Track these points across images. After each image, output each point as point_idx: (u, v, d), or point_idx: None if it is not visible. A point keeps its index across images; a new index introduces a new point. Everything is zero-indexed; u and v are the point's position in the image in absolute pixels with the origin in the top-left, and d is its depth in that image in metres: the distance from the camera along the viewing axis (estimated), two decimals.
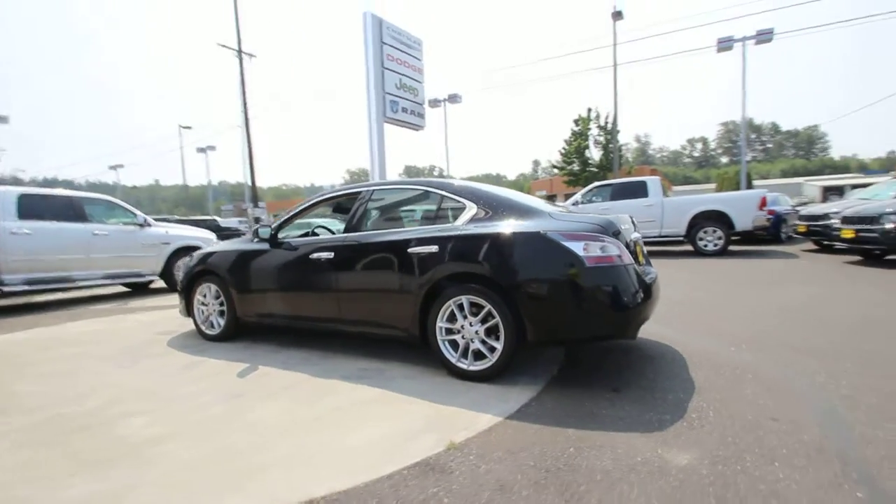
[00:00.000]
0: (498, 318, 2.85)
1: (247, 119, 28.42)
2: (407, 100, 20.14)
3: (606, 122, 31.32)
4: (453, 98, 23.25)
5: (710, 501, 1.69)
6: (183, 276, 4.53)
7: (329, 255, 3.53)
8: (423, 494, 1.78)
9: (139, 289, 8.63)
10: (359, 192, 3.72)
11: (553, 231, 2.77)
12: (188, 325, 4.99)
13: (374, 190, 3.65)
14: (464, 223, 3.10)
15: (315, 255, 3.60)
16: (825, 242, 9.96)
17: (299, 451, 2.16)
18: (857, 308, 4.68)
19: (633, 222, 3.45)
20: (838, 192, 25.08)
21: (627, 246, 2.90)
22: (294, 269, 3.77)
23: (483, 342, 2.94)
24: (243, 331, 4.33)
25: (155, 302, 7.09)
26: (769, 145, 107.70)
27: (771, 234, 12.28)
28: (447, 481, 1.87)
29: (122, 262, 7.57)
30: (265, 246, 3.99)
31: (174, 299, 7.17)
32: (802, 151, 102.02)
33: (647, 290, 2.87)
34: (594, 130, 31.82)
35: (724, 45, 16.64)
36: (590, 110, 31.93)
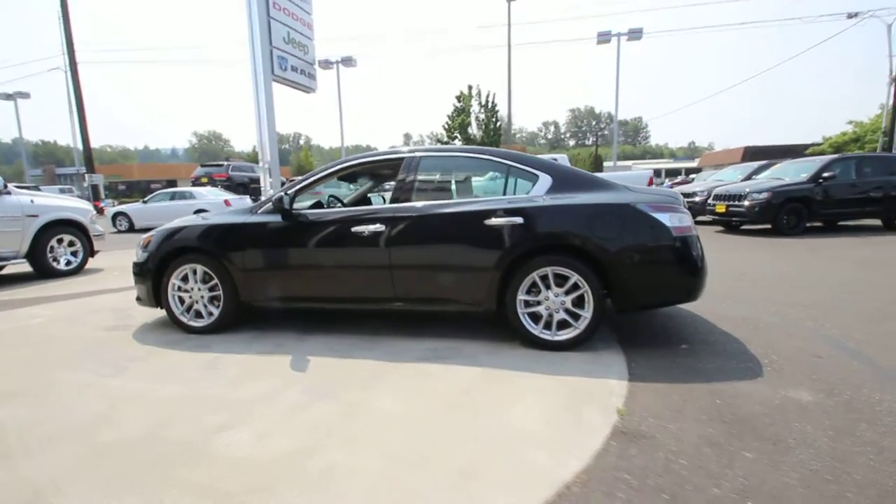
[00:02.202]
0: (587, 288, 2.93)
1: (73, 59, 22.97)
2: (296, 57, 18.31)
3: (488, 101, 32.82)
4: (347, 61, 21.73)
5: (863, 426, 2.04)
6: (147, 257, 3.62)
7: (378, 227, 3.17)
8: (655, 460, 1.82)
9: None
10: (401, 159, 3.38)
11: (642, 203, 2.91)
12: (135, 316, 4.08)
13: (421, 157, 3.35)
14: (543, 194, 3.06)
15: (358, 229, 3.20)
16: (697, 218, 12.07)
17: (481, 442, 1.99)
18: (756, 266, 5.87)
19: None
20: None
21: None
22: (329, 244, 3.30)
23: (567, 311, 3.00)
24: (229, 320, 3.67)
25: (32, 292, 5.51)
26: (605, 132, 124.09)
27: None
28: (661, 445, 1.92)
29: None
30: (276, 218, 3.40)
31: (56, 286, 5.72)
32: (629, 139, 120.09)
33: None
34: (476, 108, 33.11)
35: (603, 38, 18.70)
36: (470, 87, 33.00)
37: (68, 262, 6.79)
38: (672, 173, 50.62)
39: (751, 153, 38.19)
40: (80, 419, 2.25)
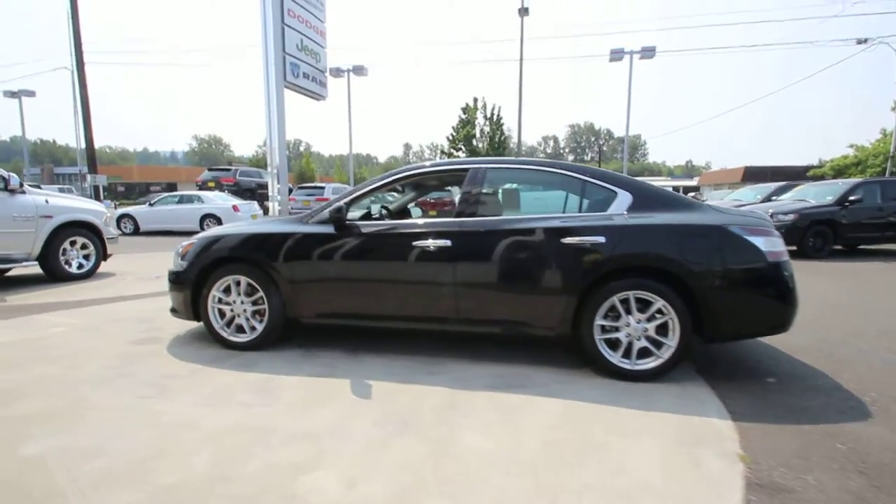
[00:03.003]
0: (672, 315, 2.72)
1: (80, 58, 22.81)
2: (308, 64, 18.22)
3: (493, 114, 32.97)
4: (359, 70, 21.65)
5: None
6: (187, 266, 3.38)
7: (443, 243, 2.95)
8: None
9: None
10: (466, 170, 3.18)
11: (735, 225, 2.72)
12: (163, 328, 3.83)
13: (487, 169, 3.14)
14: (623, 212, 2.86)
15: (421, 244, 2.98)
16: None
17: (599, 495, 1.76)
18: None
19: None
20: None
21: None
22: (388, 258, 3.08)
23: (649, 339, 2.79)
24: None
25: (44, 296, 5.23)
26: (604, 148, 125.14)
27: None
28: (808, 501, 1.70)
29: None
30: (330, 229, 3.18)
31: (69, 291, 5.44)
32: (629, 155, 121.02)
33: None
34: (481, 120, 33.24)
35: (616, 55, 18.78)
36: (476, 100, 33.15)
37: (80, 266, 6.51)
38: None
39: (750, 173, 38.45)
40: (132, 452, 1.99)
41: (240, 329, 3.35)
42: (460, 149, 33.01)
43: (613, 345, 2.85)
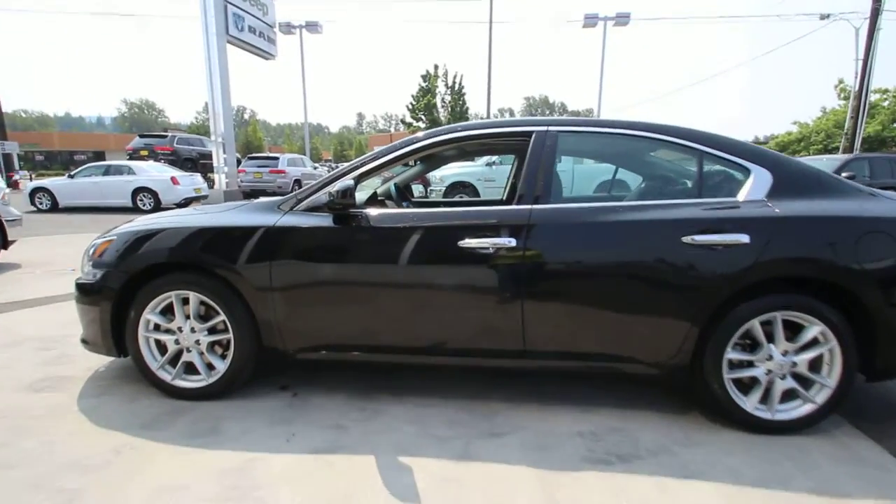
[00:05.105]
0: (833, 343, 1.92)
1: None
2: (255, 17, 16.18)
3: (454, 82, 31.61)
4: (313, 27, 19.41)
5: None
6: (104, 274, 2.23)
7: (506, 241, 1.99)
8: None
9: None
10: (529, 133, 2.19)
11: None
12: (74, 357, 2.70)
13: (558, 133, 2.17)
14: (762, 198, 2.00)
15: (470, 244, 2.01)
16: None
17: None
18: None
19: None
20: None
21: None
22: (419, 264, 2.08)
23: (796, 377, 1.99)
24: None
25: None
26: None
27: None
28: None
29: None
30: (327, 221, 2.13)
31: None
32: None
33: None
34: (441, 89, 31.81)
35: (590, 21, 17.91)
36: (437, 67, 31.62)
37: None
38: None
39: None
40: None
41: (191, 369, 2.26)
42: (420, 118, 31.52)
43: (743, 385, 2.04)
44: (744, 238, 1.89)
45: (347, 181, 2.07)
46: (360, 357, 2.21)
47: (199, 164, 16.73)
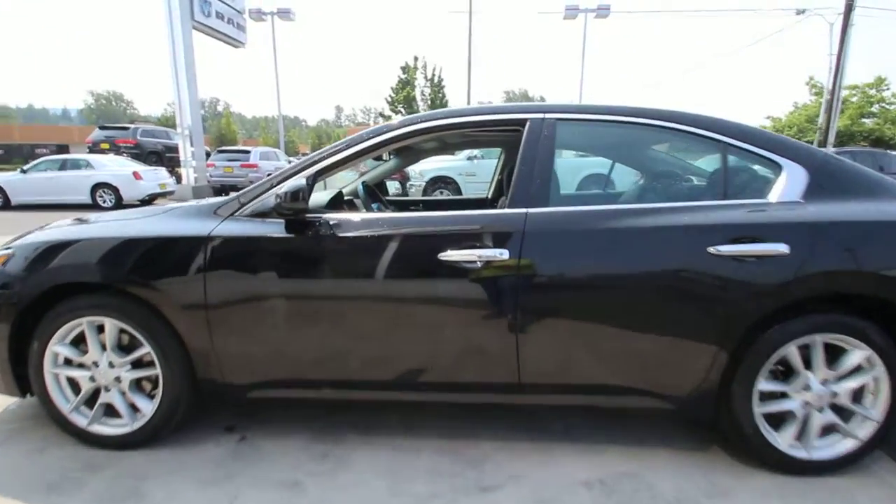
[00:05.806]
0: (881, 369, 1.64)
1: None
2: (222, 2, 15.34)
3: (434, 75, 31.17)
4: (284, 14, 18.57)
5: None
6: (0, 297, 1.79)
7: (496, 254, 1.63)
8: None
9: None
10: (521, 121, 1.82)
11: None
12: None
13: (556, 120, 1.81)
14: (798, 199, 1.69)
15: (452, 257, 1.64)
16: None
17: None
18: None
19: None
20: None
21: None
22: (390, 280, 1.70)
23: (835, 409, 1.70)
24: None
25: None
26: None
27: None
28: None
29: None
30: (274, 230, 1.73)
31: None
32: None
33: None
34: (421, 81, 31.35)
35: (570, 13, 17.61)
36: (416, 59, 31.14)
37: None
38: None
39: None
40: None
41: (111, 411, 1.84)
42: (399, 111, 30.96)
43: (775, 419, 1.74)
44: (782, 248, 1.57)
45: (298, 180, 1.66)
46: (321, 395, 1.83)
47: (164, 157, 15.88)
